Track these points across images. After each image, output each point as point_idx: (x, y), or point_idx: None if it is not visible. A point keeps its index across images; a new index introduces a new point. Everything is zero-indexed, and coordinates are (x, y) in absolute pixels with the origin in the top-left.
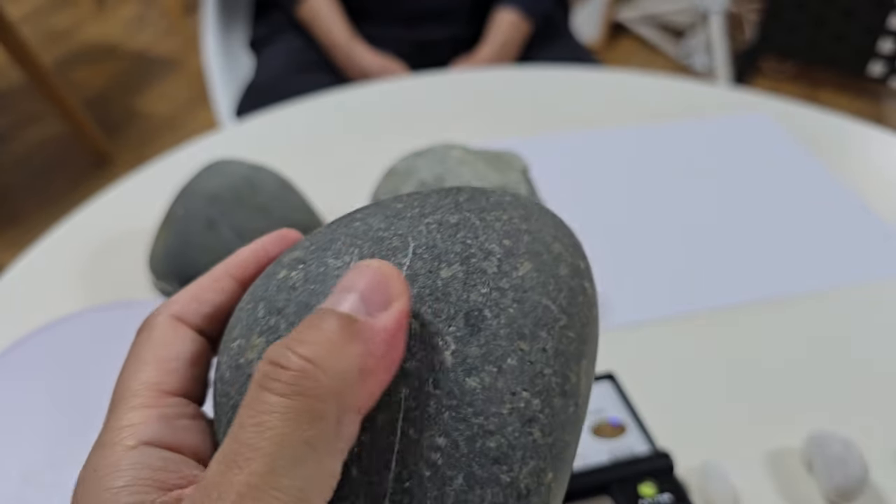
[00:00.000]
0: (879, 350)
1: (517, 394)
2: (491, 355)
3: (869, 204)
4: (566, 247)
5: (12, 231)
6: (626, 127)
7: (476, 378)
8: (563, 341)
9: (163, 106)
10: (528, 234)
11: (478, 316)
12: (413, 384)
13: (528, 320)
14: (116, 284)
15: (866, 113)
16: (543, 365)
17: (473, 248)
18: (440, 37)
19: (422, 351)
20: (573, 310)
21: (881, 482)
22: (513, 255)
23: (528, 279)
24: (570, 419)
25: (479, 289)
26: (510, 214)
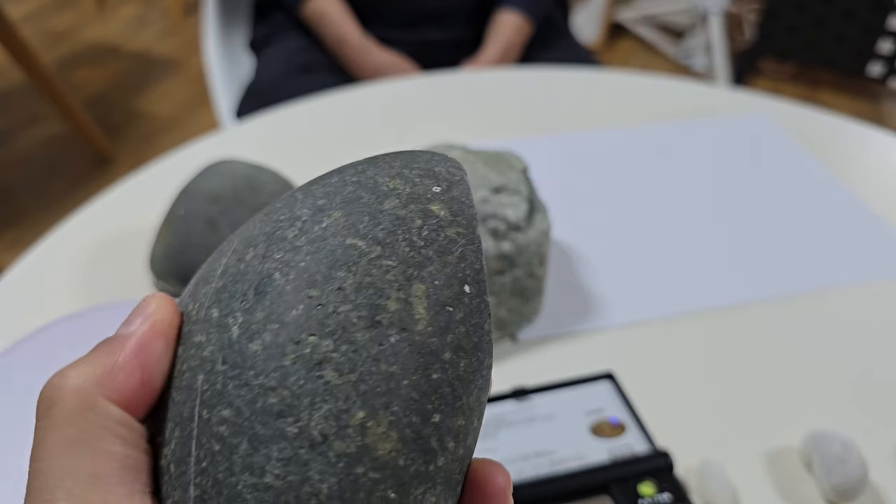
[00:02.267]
0: (879, 350)
1: (301, 341)
2: (274, 314)
3: (868, 204)
4: (410, 180)
5: (13, 231)
6: (625, 127)
7: (258, 341)
8: (374, 272)
9: (163, 106)
10: (356, 184)
11: (266, 282)
12: (207, 368)
13: (322, 266)
14: (117, 284)
15: (865, 113)
16: (339, 303)
17: (282, 221)
18: (440, 39)
19: (216, 335)
20: (396, 237)
21: (880, 482)
22: (321, 210)
23: (330, 227)
24: (392, 349)
25: (274, 256)
26: (345, 173)
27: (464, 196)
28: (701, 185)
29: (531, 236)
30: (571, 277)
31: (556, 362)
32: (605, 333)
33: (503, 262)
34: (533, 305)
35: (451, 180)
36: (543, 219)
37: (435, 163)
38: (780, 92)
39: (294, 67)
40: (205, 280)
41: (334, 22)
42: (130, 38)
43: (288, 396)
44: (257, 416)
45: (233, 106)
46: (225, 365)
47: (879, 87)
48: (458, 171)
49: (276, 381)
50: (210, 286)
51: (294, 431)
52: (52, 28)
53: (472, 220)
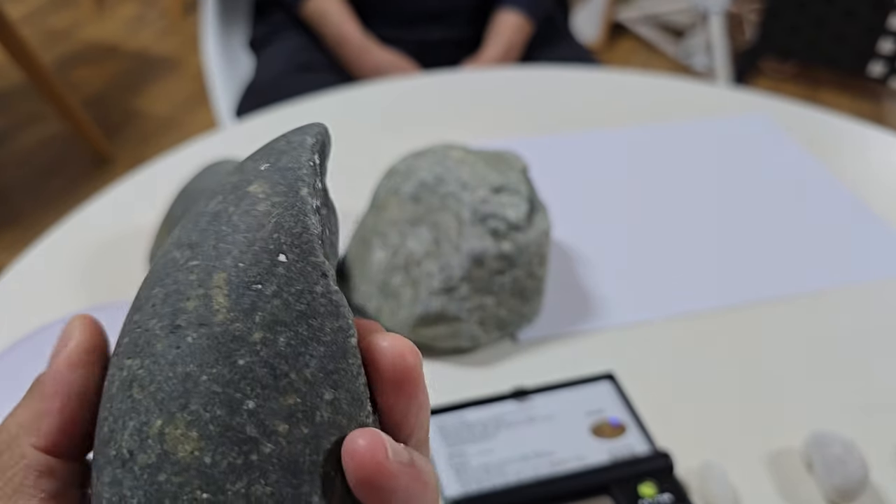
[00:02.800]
0: (880, 350)
1: (122, 367)
2: (116, 345)
3: (869, 204)
4: (243, 169)
5: (12, 231)
6: (625, 127)
7: (110, 378)
8: (180, 278)
9: (162, 106)
10: (209, 193)
11: (129, 315)
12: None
13: (146, 289)
14: (116, 284)
15: (866, 113)
16: (148, 320)
17: (162, 257)
18: (440, 38)
19: (113, 367)
20: (206, 236)
21: (881, 482)
22: (172, 227)
23: (168, 245)
24: (189, 349)
25: (139, 292)
26: (224, 181)
27: (293, 161)
28: (701, 184)
29: (531, 236)
30: (571, 277)
31: (557, 363)
32: (605, 334)
33: (503, 262)
34: (533, 305)
35: (285, 149)
36: (543, 219)
37: (282, 139)
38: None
39: (294, 66)
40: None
41: (334, 21)
42: (129, 38)
43: (111, 422)
44: (100, 447)
45: (232, 105)
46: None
47: (880, 87)
48: (300, 137)
49: (107, 410)
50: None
51: (112, 454)
52: (51, 27)
53: (294, 182)
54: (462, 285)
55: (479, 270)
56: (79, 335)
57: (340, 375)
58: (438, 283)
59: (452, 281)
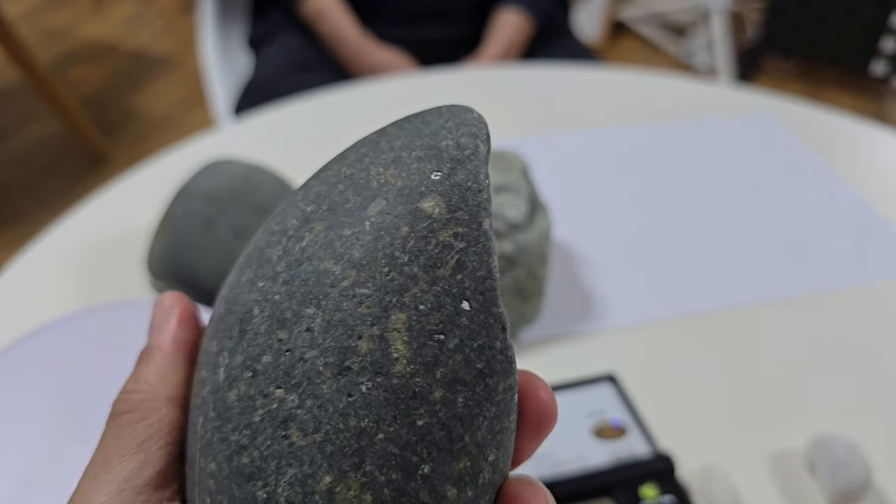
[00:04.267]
0: (883, 351)
1: (269, 395)
2: (249, 358)
3: (871, 203)
4: (406, 167)
5: (9, 230)
6: (627, 126)
7: (235, 390)
8: (345, 306)
9: (160, 105)
10: (347, 181)
11: (247, 318)
12: (204, 412)
13: (294, 301)
14: (114, 284)
15: (869, 112)
16: (306, 349)
17: (274, 234)
18: (440, 36)
19: (211, 375)
20: (375, 256)
21: (884, 485)
22: (307, 221)
23: (309, 247)
24: (364, 400)
25: (258, 284)
26: (344, 160)
27: (470, 179)
28: (703, 183)
29: (532, 236)
30: (572, 278)
31: (557, 363)
32: (606, 334)
33: (503, 263)
34: (533, 306)
35: (459, 157)
36: (544, 219)
37: (444, 133)
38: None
39: (292, 65)
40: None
41: (332, 20)
42: (127, 37)
43: (257, 458)
44: (233, 475)
45: (229, 104)
46: (213, 412)
47: (883, 86)
48: (472, 141)
49: (247, 439)
50: (218, 309)
51: (263, 496)
52: (48, 26)
53: (477, 211)
54: None
55: None
56: (179, 306)
57: (503, 435)
58: None
59: None
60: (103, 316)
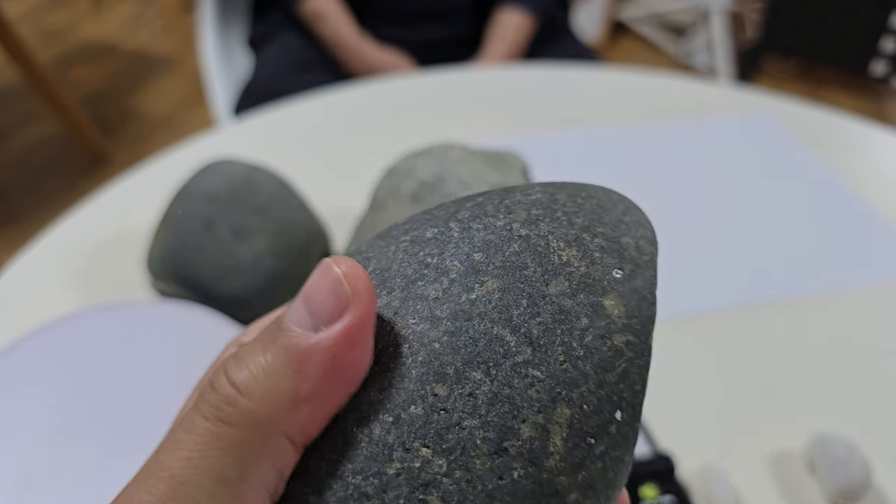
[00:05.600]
0: (882, 351)
1: (412, 450)
2: (389, 401)
3: (871, 203)
4: (589, 253)
5: (9, 230)
6: (627, 126)
7: (366, 430)
8: (516, 383)
9: (160, 105)
10: (523, 242)
11: (392, 352)
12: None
13: (458, 357)
14: (114, 284)
15: (869, 112)
16: (466, 415)
17: (428, 266)
18: (441, 36)
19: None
20: (552, 339)
21: (884, 484)
22: (476, 271)
23: (480, 302)
24: (513, 486)
25: (407, 319)
26: (515, 216)
27: (647, 287)
28: (703, 184)
29: None
30: None
31: None
32: None
33: None
34: None
35: (638, 261)
36: None
37: (624, 228)
38: (783, 90)
39: (292, 66)
40: None
41: (330, 21)
42: (127, 37)
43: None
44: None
45: (229, 104)
46: (325, 440)
47: (882, 86)
48: (649, 246)
49: (373, 489)
50: None
51: None
52: (48, 26)
53: (648, 323)
54: None
55: None
56: (363, 302)
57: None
58: None
59: None
60: (103, 316)
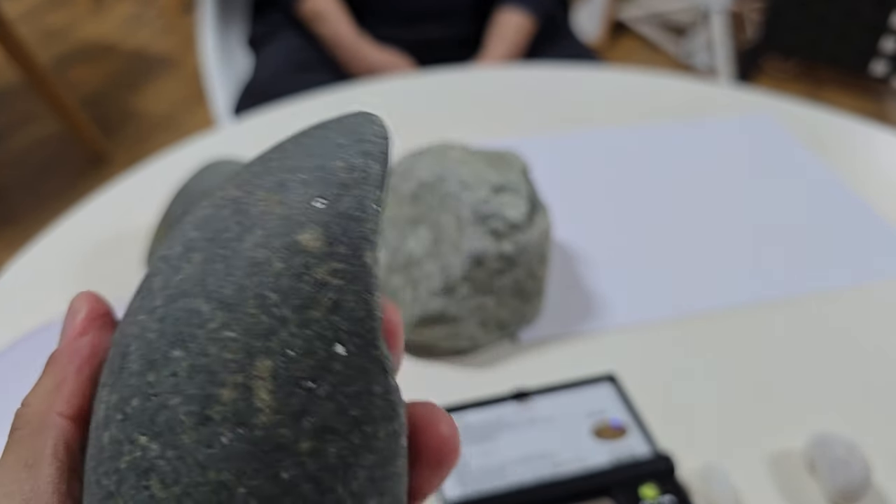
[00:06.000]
0: (882, 351)
1: (134, 441)
2: (121, 401)
3: (871, 203)
4: (291, 190)
5: (9, 230)
6: (627, 126)
7: (108, 431)
8: (211, 350)
9: (160, 105)
10: (233, 204)
11: (124, 354)
12: (90, 449)
13: (165, 341)
14: (113, 284)
15: (869, 112)
16: (170, 395)
17: (161, 258)
18: (441, 36)
19: (99, 410)
20: (244, 295)
21: (884, 484)
22: (189, 249)
23: (187, 279)
24: (224, 452)
25: (138, 317)
26: (235, 180)
27: (355, 207)
28: (703, 183)
29: (532, 236)
30: (572, 278)
31: (557, 364)
32: (606, 334)
33: (503, 263)
34: (533, 306)
35: (346, 182)
36: (544, 218)
37: (336, 151)
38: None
39: (292, 66)
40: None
41: (329, 21)
42: (126, 37)
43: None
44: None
45: (229, 104)
46: (93, 450)
47: (882, 86)
48: (363, 161)
49: (115, 485)
50: (115, 335)
51: None
52: (48, 26)
53: (359, 243)
54: (462, 285)
55: (479, 271)
56: (85, 308)
57: (387, 482)
58: (438, 284)
59: (452, 281)
60: None
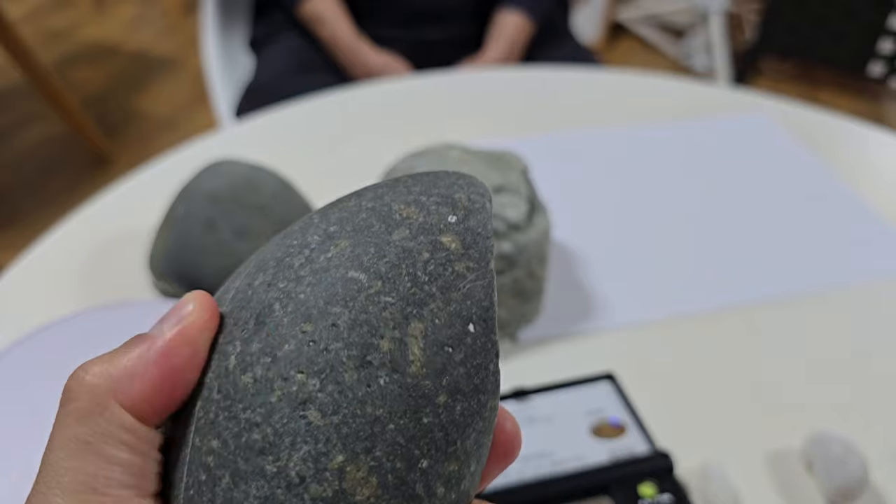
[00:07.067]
0: (879, 350)
1: (289, 378)
2: (268, 346)
3: (868, 204)
4: (426, 208)
5: (12, 231)
6: (626, 127)
7: (250, 373)
8: (371, 309)
9: (162, 106)
10: (370, 211)
11: (266, 312)
12: (204, 394)
13: (320, 300)
14: (116, 285)
15: (866, 113)
16: (330, 341)
17: (293, 246)
18: (441, 37)
19: (216, 361)
20: (399, 272)
21: (881, 482)
22: (330, 238)
23: (335, 258)
24: (381, 391)
25: (278, 285)
26: (363, 196)
27: (480, 227)
28: (701, 184)
29: (531, 236)
30: (572, 278)
31: (557, 363)
32: (605, 334)
33: (503, 263)
34: (533, 306)
35: (470, 209)
36: (544, 219)
37: (457, 188)
38: (781, 91)
39: (294, 67)
40: (219, 300)
41: (329, 23)
42: (129, 38)
43: (271, 434)
44: (241, 450)
45: (232, 105)
46: (219, 394)
47: (880, 87)
48: (480, 198)
49: (261, 416)
50: (221, 308)
51: (273, 470)
52: (51, 27)
53: (485, 253)
54: None
55: None
56: (197, 311)
57: (483, 450)
58: None
59: None
60: (105, 316)
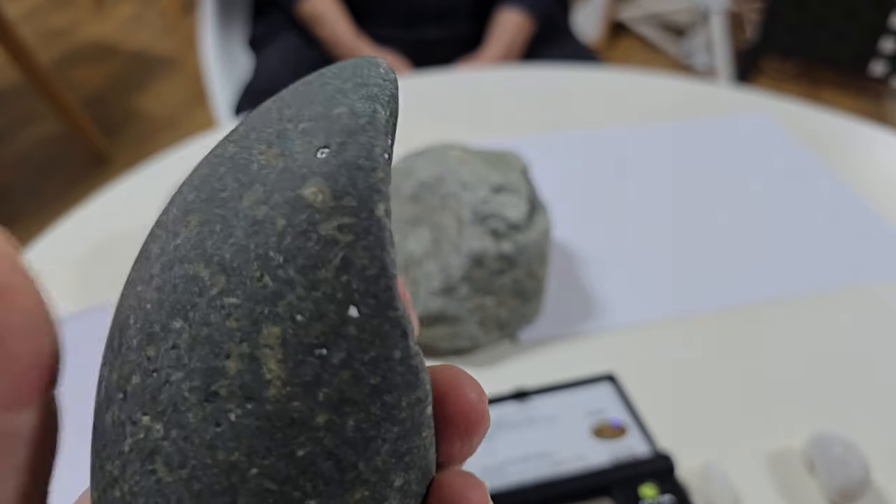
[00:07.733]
0: (881, 350)
1: (137, 422)
2: (121, 378)
3: (870, 204)
4: (291, 141)
5: (10, 230)
6: (626, 127)
7: (110, 412)
8: (213, 318)
9: (161, 105)
10: (230, 162)
11: (123, 328)
12: (93, 432)
13: (164, 311)
14: (114, 284)
15: (868, 112)
16: (171, 370)
17: (158, 225)
18: (440, 37)
19: (100, 386)
20: (246, 257)
21: (883, 483)
22: (186, 212)
23: (183, 244)
24: (233, 430)
25: (136, 288)
26: (231, 136)
27: (362, 155)
28: (702, 184)
29: (531, 236)
30: (572, 277)
31: (557, 363)
32: (606, 334)
33: (503, 263)
34: (533, 306)
35: (351, 128)
36: (544, 219)
37: (339, 98)
38: (782, 91)
39: (293, 66)
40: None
41: (328, 22)
42: (128, 37)
43: (127, 493)
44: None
45: (231, 105)
46: (95, 434)
47: (881, 87)
48: (369, 105)
49: (118, 470)
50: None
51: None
52: (50, 27)
53: (369, 195)
54: (462, 286)
55: (479, 271)
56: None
57: (413, 455)
58: (438, 284)
59: (452, 281)
60: (104, 317)
